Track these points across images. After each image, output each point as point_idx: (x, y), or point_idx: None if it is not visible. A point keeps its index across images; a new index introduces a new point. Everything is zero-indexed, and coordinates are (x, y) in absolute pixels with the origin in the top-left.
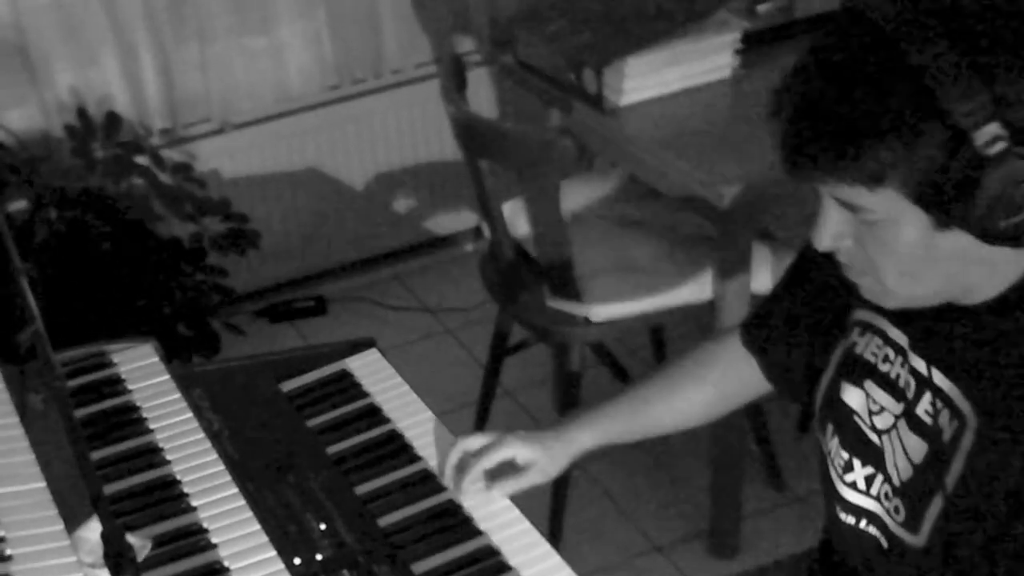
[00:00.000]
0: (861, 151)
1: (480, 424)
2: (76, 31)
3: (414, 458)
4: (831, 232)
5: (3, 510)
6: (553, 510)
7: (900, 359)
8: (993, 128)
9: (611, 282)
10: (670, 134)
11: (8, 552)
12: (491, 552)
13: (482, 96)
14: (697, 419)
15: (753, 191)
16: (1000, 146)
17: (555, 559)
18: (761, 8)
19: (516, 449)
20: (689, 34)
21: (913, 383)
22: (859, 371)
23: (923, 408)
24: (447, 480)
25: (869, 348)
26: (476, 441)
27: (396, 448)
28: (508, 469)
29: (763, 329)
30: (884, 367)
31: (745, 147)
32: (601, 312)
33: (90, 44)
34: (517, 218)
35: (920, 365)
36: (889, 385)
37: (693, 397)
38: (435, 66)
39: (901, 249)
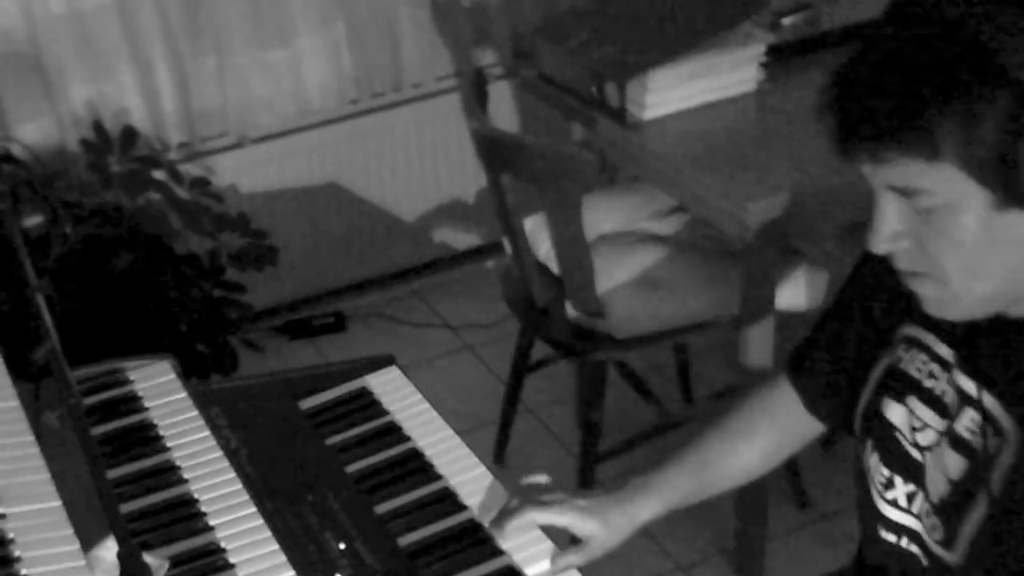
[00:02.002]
0: (921, 118)
1: (502, 442)
2: (92, 44)
3: (434, 477)
4: (888, 232)
5: (18, 529)
6: None
7: (947, 376)
8: None
9: (634, 298)
10: (694, 149)
11: (24, 572)
12: (513, 572)
13: (503, 110)
14: (757, 472)
15: (778, 206)
16: None
17: None
18: (786, 21)
19: (576, 522)
20: (713, 47)
21: (956, 399)
22: (902, 387)
23: (964, 425)
24: (489, 518)
25: (914, 364)
26: (539, 494)
27: (416, 467)
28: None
29: (808, 362)
30: (929, 383)
31: (770, 162)
32: (624, 329)
33: (106, 57)
34: (539, 234)
35: (965, 382)
36: (934, 401)
37: (750, 452)
38: (456, 79)
39: (962, 236)
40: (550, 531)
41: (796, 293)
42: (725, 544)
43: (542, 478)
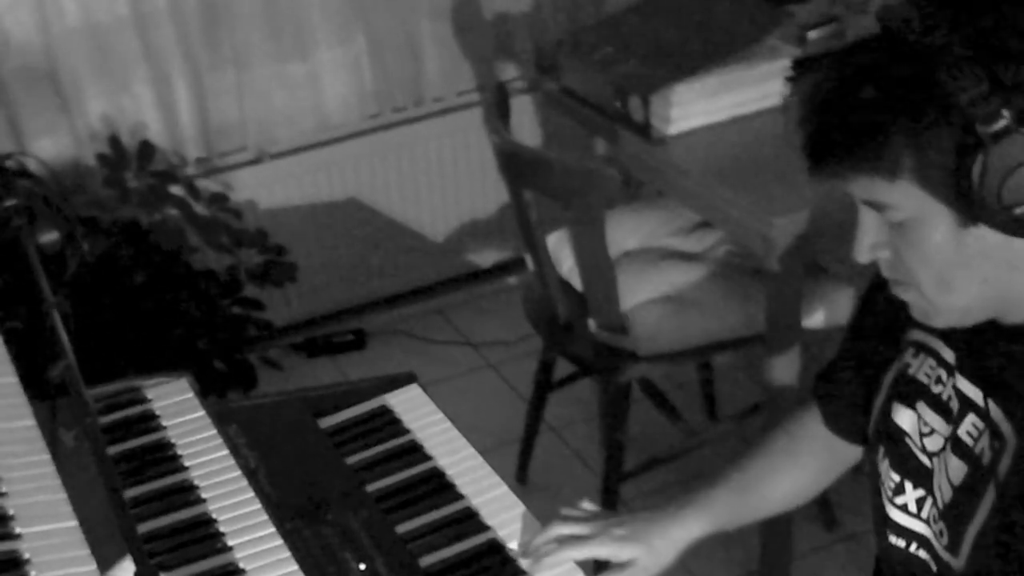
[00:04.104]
0: (873, 139)
1: (524, 461)
2: (108, 57)
3: (456, 496)
4: (868, 242)
5: (34, 550)
6: None
7: (952, 380)
8: (995, 109)
9: (658, 315)
10: (719, 164)
11: None
12: None
13: (526, 124)
14: (804, 494)
15: (804, 222)
16: (1001, 124)
17: None
18: (812, 34)
19: (615, 551)
20: (738, 61)
21: (957, 404)
22: (912, 392)
23: (965, 429)
24: (525, 551)
25: (922, 369)
26: (574, 528)
27: (437, 486)
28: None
29: (829, 383)
30: (936, 388)
31: (796, 177)
32: (648, 346)
33: (123, 70)
34: (561, 250)
35: (965, 386)
36: (940, 407)
37: (794, 474)
38: (477, 93)
39: (932, 251)
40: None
41: (822, 310)
42: (750, 564)
43: (588, 505)
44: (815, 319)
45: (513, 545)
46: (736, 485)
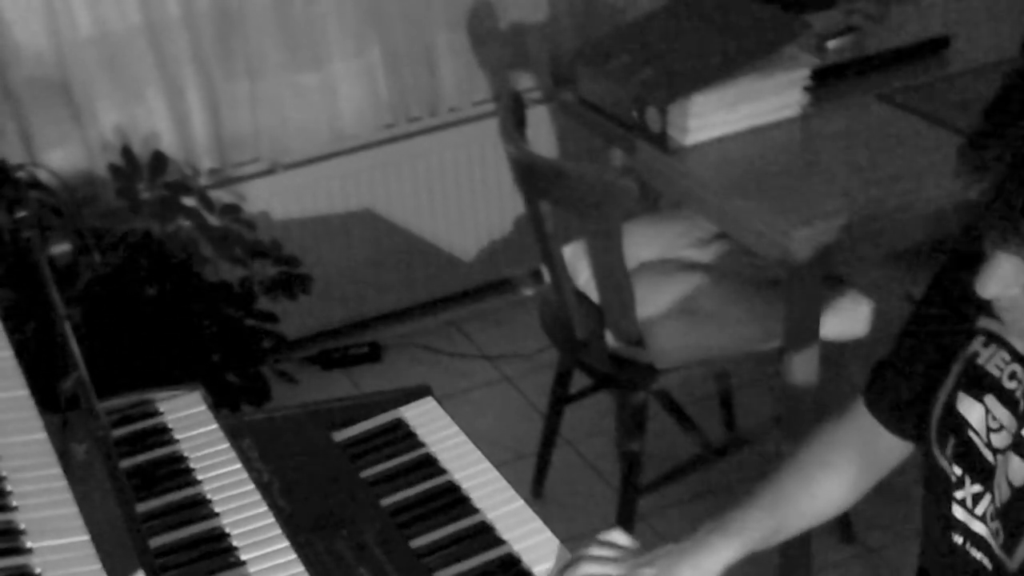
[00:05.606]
0: None
1: (540, 474)
2: (121, 67)
3: (471, 510)
4: (1001, 283)
5: (45, 564)
6: None
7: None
8: None
9: (676, 328)
10: (737, 174)
11: None
12: None
13: (542, 135)
14: (841, 504)
15: (823, 233)
16: None
17: None
18: (831, 44)
19: None
20: (757, 71)
21: (1023, 402)
22: (981, 384)
23: None
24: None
25: (993, 361)
26: (603, 567)
27: (453, 500)
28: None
29: (882, 379)
30: (1010, 384)
31: (815, 188)
32: (665, 359)
33: (135, 81)
34: (578, 261)
35: None
36: (1012, 403)
37: (829, 483)
38: (493, 104)
39: None
40: None
41: (841, 322)
42: None
43: (622, 539)
44: (833, 330)
45: (528, 559)
46: (769, 503)
